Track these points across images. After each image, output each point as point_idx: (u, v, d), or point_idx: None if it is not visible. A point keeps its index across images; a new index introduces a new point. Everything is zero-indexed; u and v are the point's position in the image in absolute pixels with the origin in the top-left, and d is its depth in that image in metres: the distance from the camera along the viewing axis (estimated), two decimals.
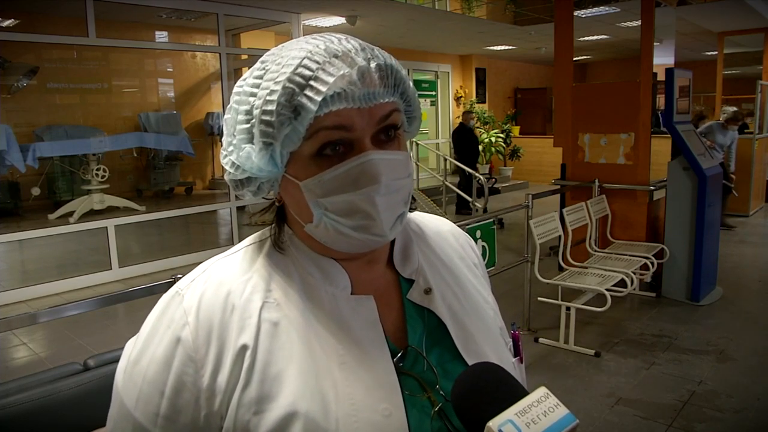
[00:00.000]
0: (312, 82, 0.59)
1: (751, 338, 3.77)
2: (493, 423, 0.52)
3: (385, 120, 0.62)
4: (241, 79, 0.65)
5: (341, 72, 0.59)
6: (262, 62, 0.64)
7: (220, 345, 0.61)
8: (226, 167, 0.66)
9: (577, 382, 3.20)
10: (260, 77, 0.62)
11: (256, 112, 0.61)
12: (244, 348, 0.61)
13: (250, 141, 0.63)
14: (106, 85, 7.52)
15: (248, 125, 0.63)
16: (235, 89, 0.65)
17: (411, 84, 0.66)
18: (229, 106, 0.66)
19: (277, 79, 0.60)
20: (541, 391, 0.55)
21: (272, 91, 0.60)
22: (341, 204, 0.61)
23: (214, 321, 0.62)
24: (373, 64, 0.61)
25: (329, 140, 0.60)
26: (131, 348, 0.66)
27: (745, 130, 8.57)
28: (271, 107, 0.60)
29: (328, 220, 0.62)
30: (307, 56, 0.60)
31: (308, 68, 0.59)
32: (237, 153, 0.64)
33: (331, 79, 0.58)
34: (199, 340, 0.62)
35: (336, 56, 0.60)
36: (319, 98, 0.58)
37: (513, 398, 0.55)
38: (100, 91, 7.47)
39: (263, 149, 0.62)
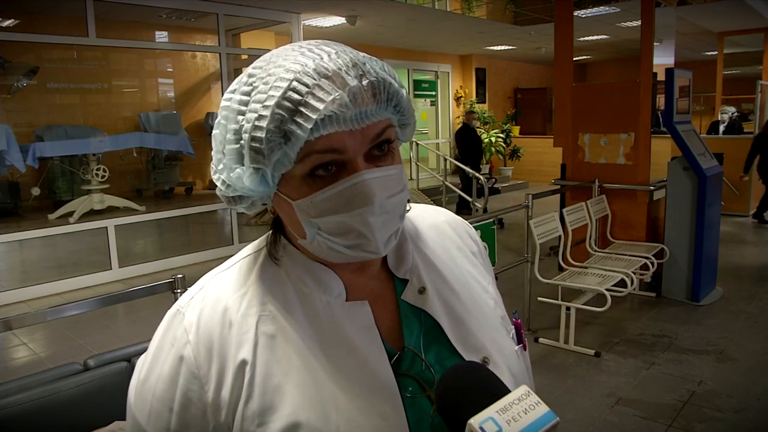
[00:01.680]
0: (302, 108, 0.57)
1: (751, 338, 3.77)
2: (474, 420, 0.52)
3: (379, 137, 0.61)
4: (229, 91, 0.63)
5: (332, 96, 0.57)
6: (250, 76, 0.62)
7: (221, 361, 0.63)
8: (218, 184, 0.66)
9: (577, 382, 3.20)
10: (248, 94, 0.61)
11: (245, 136, 0.60)
12: (243, 363, 0.62)
13: (241, 162, 0.62)
14: (106, 85, 7.52)
15: (237, 146, 0.61)
16: (223, 103, 0.63)
17: (404, 93, 0.65)
18: (217, 120, 0.64)
19: (266, 103, 0.58)
20: (522, 389, 0.56)
21: (261, 116, 0.58)
22: (334, 224, 0.61)
23: (213, 338, 0.64)
24: (365, 82, 0.59)
25: (321, 163, 0.59)
26: (140, 366, 0.68)
27: (744, 131, 8.60)
28: (261, 134, 0.58)
29: (321, 238, 0.62)
30: (296, 78, 0.57)
31: (297, 92, 0.57)
32: (228, 173, 0.63)
33: (321, 106, 0.56)
34: (200, 358, 0.63)
35: (326, 77, 0.58)
36: (309, 125, 0.56)
37: (495, 396, 0.55)
38: (100, 91, 7.47)
39: (254, 173, 0.61)
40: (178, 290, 2.00)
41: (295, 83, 0.57)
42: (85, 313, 2.55)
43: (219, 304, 0.66)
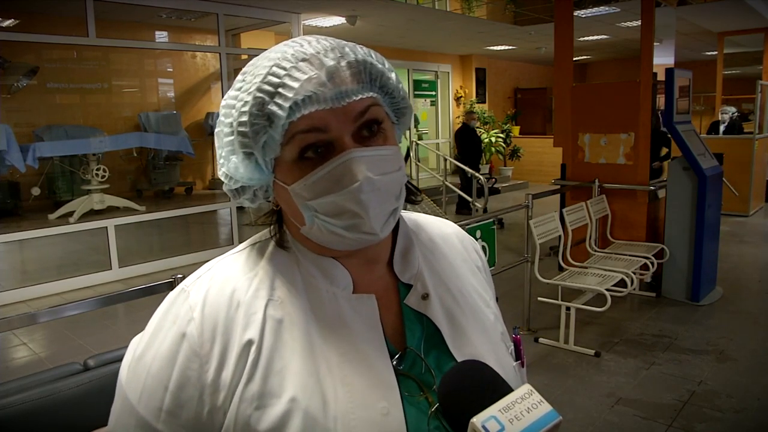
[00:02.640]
0: (280, 89, 0.59)
1: (751, 338, 3.77)
2: (477, 419, 0.52)
3: (363, 116, 0.62)
4: (228, 91, 0.67)
5: (308, 75, 0.59)
6: (242, 74, 0.65)
7: (225, 340, 0.62)
8: (222, 178, 0.68)
9: (577, 382, 3.20)
10: (239, 89, 0.64)
11: (234, 124, 0.63)
12: (249, 343, 0.62)
13: (235, 152, 0.64)
14: (106, 85, 7.51)
15: (231, 137, 0.64)
16: (222, 103, 0.66)
17: (393, 76, 0.66)
18: (218, 119, 0.67)
19: (249, 90, 0.61)
20: (525, 388, 0.56)
21: (245, 102, 0.61)
22: (329, 205, 0.61)
23: (219, 317, 0.63)
24: (343, 63, 0.61)
25: (307, 143, 0.60)
26: (136, 344, 0.67)
27: (744, 131, 8.60)
28: (245, 118, 0.61)
29: (319, 221, 0.63)
30: (275, 64, 0.61)
31: (276, 75, 0.60)
32: (227, 164, 0.66)
33: (296, 84, 0.59)
34: (204, 336, 0.62)
35: (303, 60, 0.60)
36: (287, 104, 0.59)
37: (497, 395, 0.55)
38: (100, 91, 7.46)
39: (246, 159, 0.63)
40: None
41: (274, 68, 0.61)
42: (85, 313, 2.55)
43: (227, 284, 0.66)
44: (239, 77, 0.65)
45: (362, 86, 0.61)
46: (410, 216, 0.79)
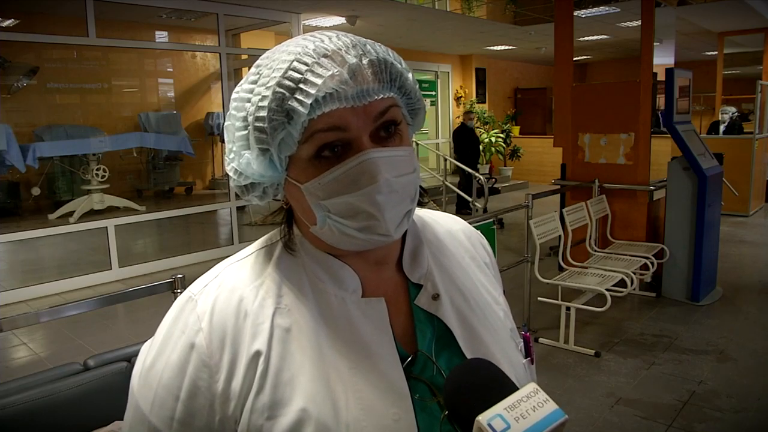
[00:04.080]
0: (302, 85, 0.58)
1: (751, 338, 3.77)
2: (482, 417, 0.52)
3: (382, 116, 0.61)
4: (238, 84, 0.65)
5: (330, 72, 0.57)
6: (257, 66, 0.63)
7: (233, 351, 0.62)
8: (230, 174, 0.66)
9: (577, 382, 3.20)
10: (254, 82, 0.62)
11: (250, 118, 0.61)
12: (257, 354, 0.62)
13: (248, 147, 0.62)
14: (106, 85, 7.53)
15: (245, 132, 0.62)
16: (233, 95, 0.64)
17: (410, 76, 0.65)
18: (228, 112, 0.65)
19: (268, 84, 0.59)
20: (531, 386, 0.56)
21: (263, 97, 0.59)
22: (343, 206, 0.60)
23: (227, 327, 0.63)
24: (365, 61, 0.59)
25: (325, 142, 0.59)
26: (146, 352, 0.67)
27: (744, 131, 8.60)
28: (263, 113, 0.59)
29: (331, 221, 0.62)
30: (296, 59, 0.59)
31: (297, 71, 0.58)
32: (238, 160, 0.64)
33: (320, 81, 0.57)
34: (213, 346, 0.62)
35: (325, 56, 0.59)
36: (309, 101, 0.57)
37: (503, 394, 0.55)
38: (100, 91, 7.47)
39: (260, 155, 0.61)
40: (178, 290, 2.00)
41: (295, 63, 0.59)
42: (85, 313, 2.55)
43: (235, 293, 0.65)
44: (253, 70, 0.63)
45: (383, 86, 0.60)
46: (417, 213, 0.77)
